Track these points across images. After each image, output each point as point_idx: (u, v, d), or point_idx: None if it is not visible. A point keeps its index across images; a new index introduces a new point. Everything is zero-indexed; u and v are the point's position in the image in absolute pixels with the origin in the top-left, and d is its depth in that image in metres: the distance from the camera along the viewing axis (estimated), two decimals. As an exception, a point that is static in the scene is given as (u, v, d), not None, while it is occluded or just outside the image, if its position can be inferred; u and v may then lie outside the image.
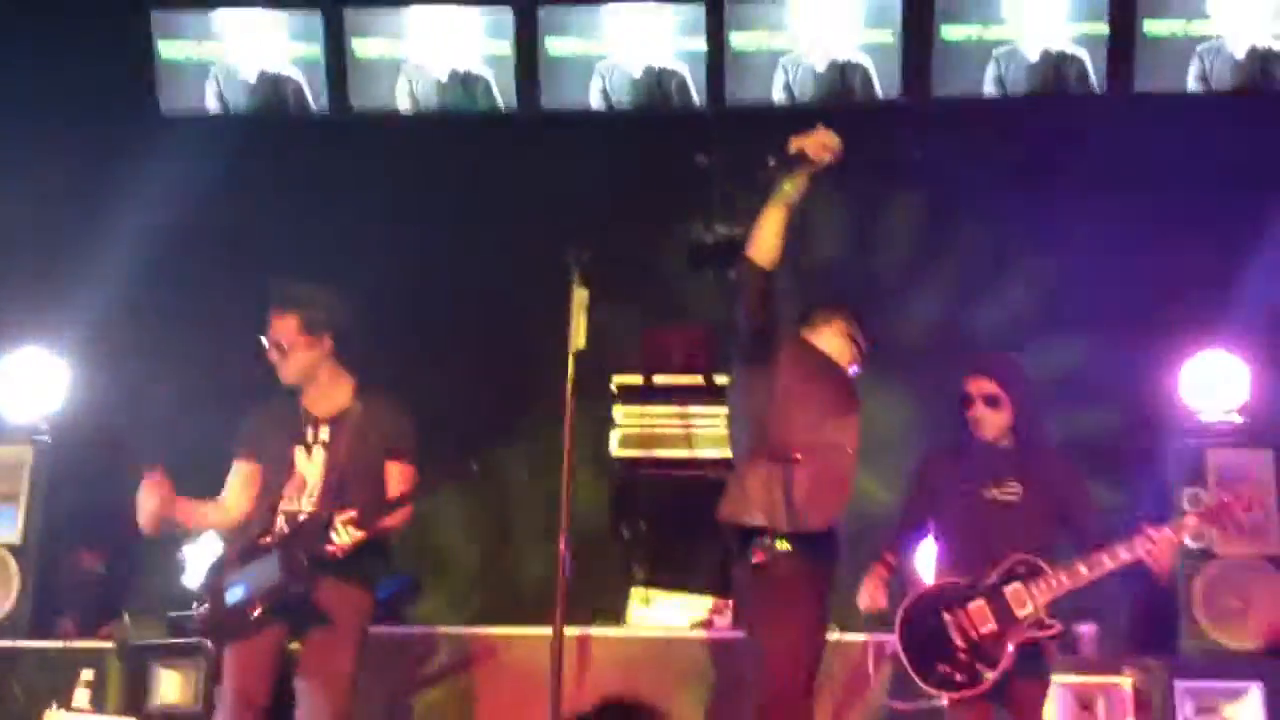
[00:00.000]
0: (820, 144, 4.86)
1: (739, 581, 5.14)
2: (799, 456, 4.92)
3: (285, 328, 5.32)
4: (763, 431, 5.03)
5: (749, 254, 4.94)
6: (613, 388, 7.14)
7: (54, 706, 6.16)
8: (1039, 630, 5.14)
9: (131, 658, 6.42)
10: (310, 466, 5.28)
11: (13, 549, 6.87)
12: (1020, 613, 5.12)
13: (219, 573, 5.22)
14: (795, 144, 4.87)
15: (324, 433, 5.33)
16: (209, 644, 6.01)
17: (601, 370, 6.97)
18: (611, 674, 6.26)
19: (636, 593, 6.79)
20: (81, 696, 6.23)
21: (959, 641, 5.14)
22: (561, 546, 5.03)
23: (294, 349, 5.31)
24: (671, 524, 6.94)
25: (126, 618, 6.66)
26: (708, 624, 6.62)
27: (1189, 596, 6.65)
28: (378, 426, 5.34)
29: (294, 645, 5.22)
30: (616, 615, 6.81)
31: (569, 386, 5.09)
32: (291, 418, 5.35)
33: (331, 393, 5.39)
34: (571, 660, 5.82)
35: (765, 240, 4.94)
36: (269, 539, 5.18)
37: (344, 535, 5.06)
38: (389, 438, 5.34)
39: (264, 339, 5.32)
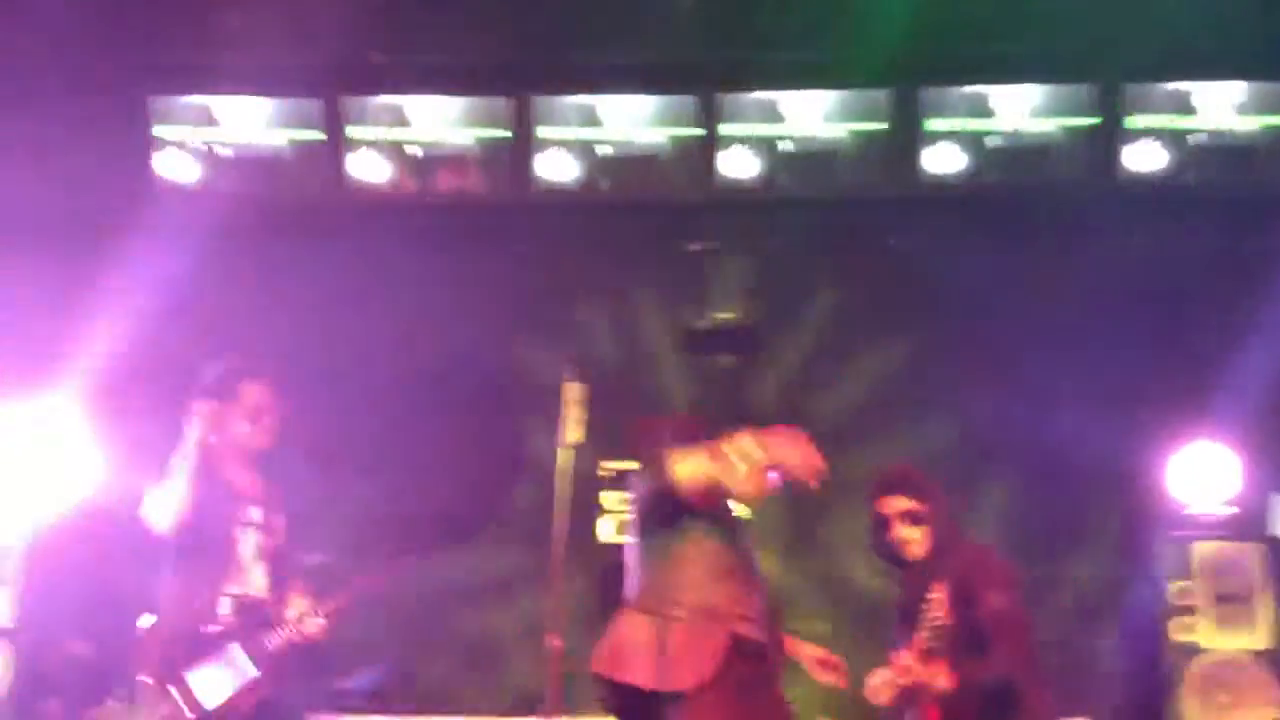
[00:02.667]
0: (810, 468, 4.60)
1: None
2: (681, 615, 4.74)
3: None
4: (649, 584, 4.89)
5: (675, 475, 4.68)
6: (602, 474, 7.13)
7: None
8: None
9: (117, 745, 6.40)
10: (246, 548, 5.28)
11: (1, 632, 6.84)
12: None
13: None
14: (782, 456, 4.62)
15: (255, 513, 5.35)
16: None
17: (591, 456, 6.98)
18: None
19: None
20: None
21: None
22: (555, 640, 5.03)
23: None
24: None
25: (112, 703, 6.62)
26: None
27: (1178, 691, 6.65)
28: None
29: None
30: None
31: (560, 479, 5.10)
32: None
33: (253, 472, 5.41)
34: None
35: (696, 479, 4.69)
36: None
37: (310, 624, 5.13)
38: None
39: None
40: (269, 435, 5.46)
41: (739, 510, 5.05)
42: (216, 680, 5.09)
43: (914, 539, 5.12)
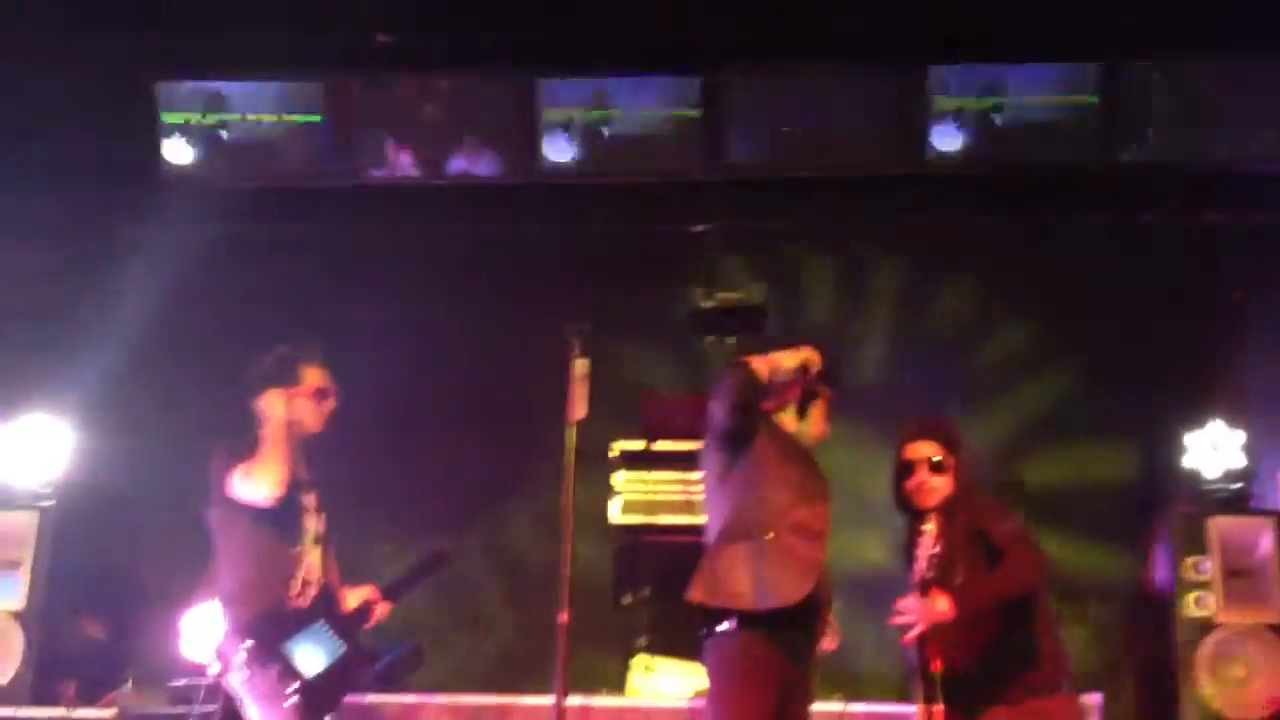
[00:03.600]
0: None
1: (705, 660, 5.15)
2: (770, 535, 4.98)
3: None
4: (735, 514, 5.11)
5: (755, 366, 5.07)
6: (613, 454, 7.14)
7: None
8: None
9: (133, 727, 6.44)
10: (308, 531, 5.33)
11: (16, 615, 6.88)
12: None
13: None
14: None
15: (309, 498, 5.39)
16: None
17: (603, 436, 6.99)
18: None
19: (638, 661, 6.77)
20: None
21: None
22: (563, 616, 5.05)
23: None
24: (673, 591, 6.90)
25: (129, 686, 6.65)
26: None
27: (1191, 666, 6.64)
28: None
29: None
30: (618, 684, 6.79)
31: (569, 455, 5.12)
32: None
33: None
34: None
35: (778, 369, 5.11)
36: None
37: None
38: None
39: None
40: (326, 418, 5.49)
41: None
42: (312, 652, 5.16)
43: (936, 487, 5.09)
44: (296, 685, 5.10)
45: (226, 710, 5.95)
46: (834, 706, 6.17)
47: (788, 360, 5.17)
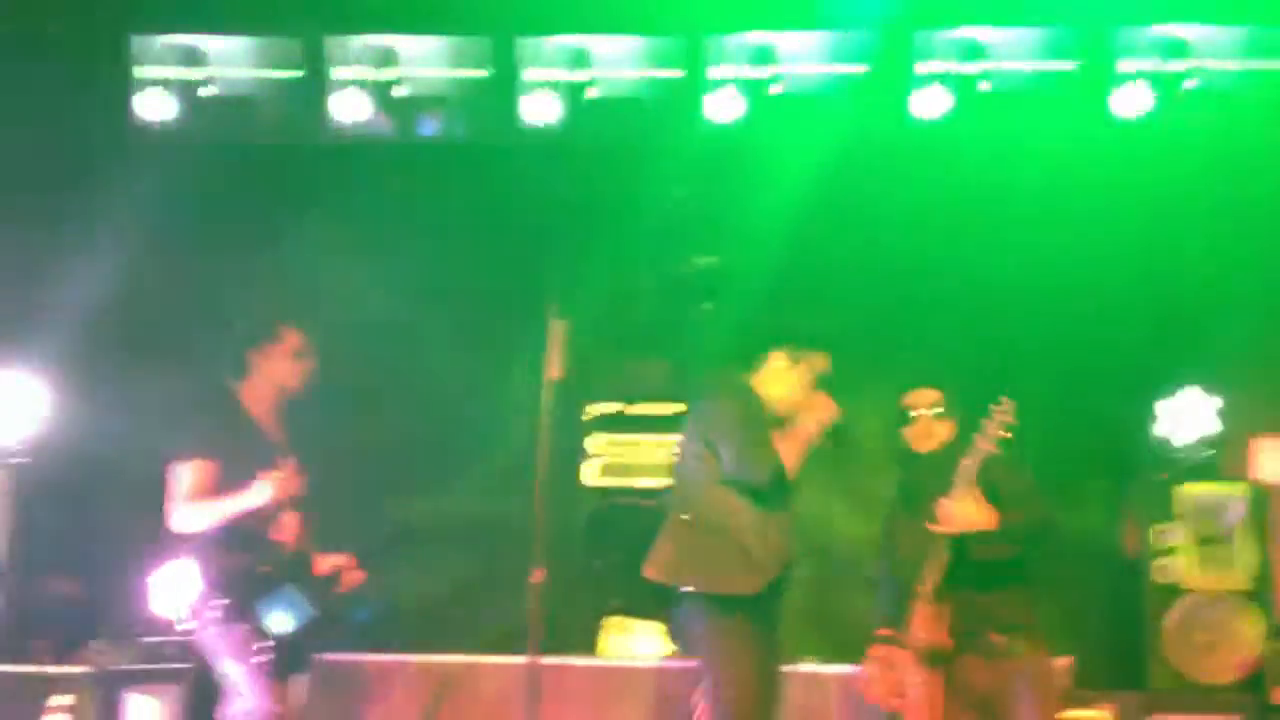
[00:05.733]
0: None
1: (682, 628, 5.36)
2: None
3: None
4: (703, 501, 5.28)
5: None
6: (587, 417, 7.15)
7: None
8: None
9: (105, 683, 6.42)
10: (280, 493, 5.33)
11: (-11, 573, 6.86)
12: None
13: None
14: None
15: (281, 459, 5.39)
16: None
17: (577, 400, 7.00)
18: (585, 703, 6.28)
19: (610, 622, 6.80)
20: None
21: None
22: (536, 576, 5.07)
23: None
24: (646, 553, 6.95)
25: (101, 642, 6.64)
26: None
27: (1160, 632, 6.70)
28: None
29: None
30: (590, 645, 6.82)
31: (544, 416, 5.13)
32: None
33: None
34: (544, 690, 5.82)
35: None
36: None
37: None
38: None
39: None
40: (303, 377, 5.49)
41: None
42: (282, 613, 5.18)
43: (937, 433, 5.34)
44: (265, 644, 5.14)
45: (198, 665, 5.98)
46: (809, 668, 6.22)
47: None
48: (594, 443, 7.23)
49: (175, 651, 6.48)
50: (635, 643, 6.72)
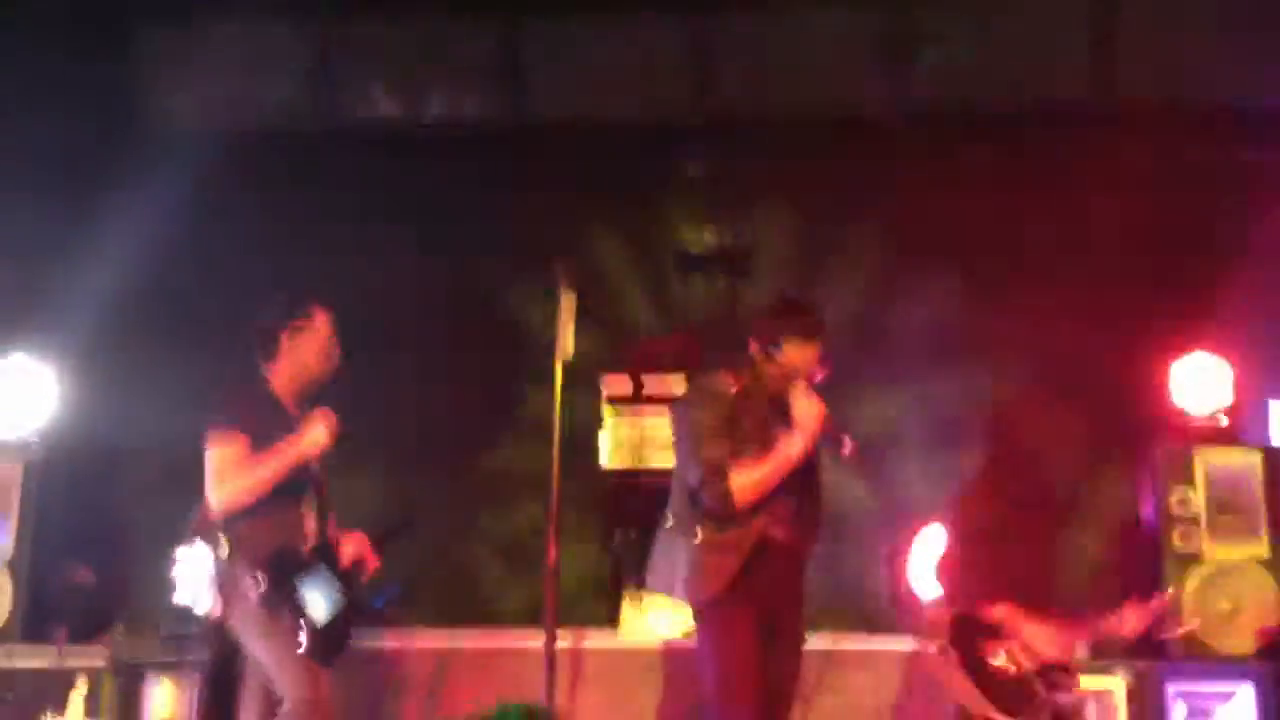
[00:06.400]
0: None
1: None
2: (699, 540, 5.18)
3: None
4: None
5: (736, 495, 5.08)
6: (603, 395, 7.14)
7: (48, 715, 6.16)
8: None
9: (124, 672, 6.42)
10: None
11: (4, 562, 6.86)
12: None
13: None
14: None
15: None
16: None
17: (592, 378, 6.98)
18: (602, 682, 6.29)
19: (628, 601, 6.79)
20: (76, 707, 6.23)
21: None
22: (551, 555, 5.06)
23: None
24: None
25: (120, 631, 6.64)
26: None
27: (1178, 599, 6.66)
28: None
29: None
30: (608, 623, 6.82)
31: (557, 394, 5.11)
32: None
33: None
34: (562, 668, 5.82)
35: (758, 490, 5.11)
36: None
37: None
38: None
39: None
40: (333, 363, 5.42)
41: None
42: (319, 599, 5.13)
43: None
44: (305, 628, 5.08)
45: (219, 654, 5.97)
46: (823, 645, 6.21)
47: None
48: (610, 421, 7.19)
49: (196, 640, 6.47)
50: (655, 621, 6.70)
